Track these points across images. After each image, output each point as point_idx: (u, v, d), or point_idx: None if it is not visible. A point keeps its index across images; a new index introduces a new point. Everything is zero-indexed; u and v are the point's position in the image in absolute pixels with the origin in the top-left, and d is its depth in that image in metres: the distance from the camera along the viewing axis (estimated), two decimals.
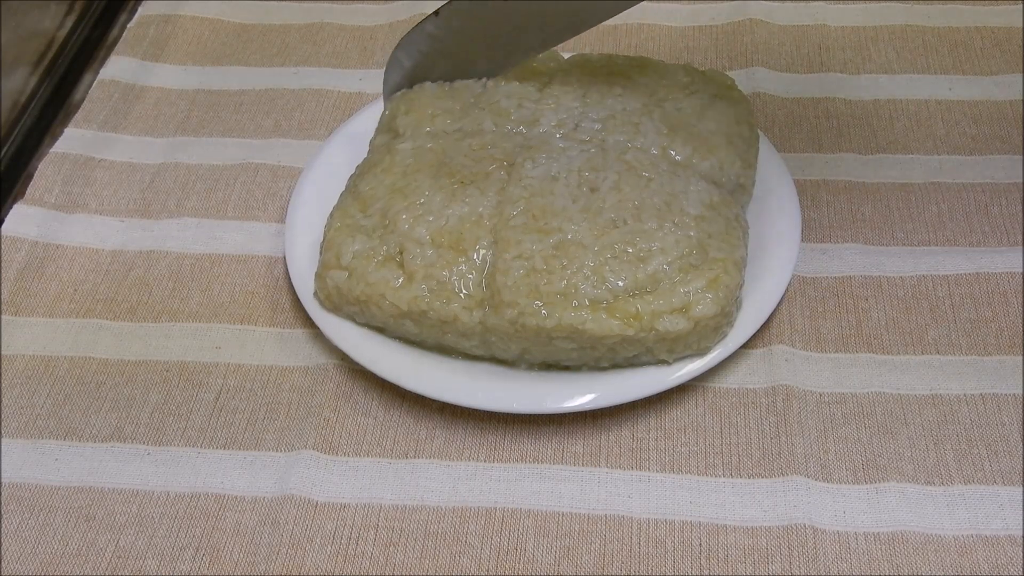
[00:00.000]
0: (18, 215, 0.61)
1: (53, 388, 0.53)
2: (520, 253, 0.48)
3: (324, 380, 0.53)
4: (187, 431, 0.51)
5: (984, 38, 0.68)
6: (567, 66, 0.58)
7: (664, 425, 0.50)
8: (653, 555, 0.46)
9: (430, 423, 0.51)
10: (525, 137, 0.53)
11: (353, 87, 0.68)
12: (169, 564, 0.46)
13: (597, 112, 0.54)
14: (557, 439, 0.50)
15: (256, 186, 0.62)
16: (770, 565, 0.45)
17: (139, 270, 0.58)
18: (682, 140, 0.53)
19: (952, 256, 0.56)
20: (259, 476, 0.49)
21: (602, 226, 0.49)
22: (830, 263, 0.56)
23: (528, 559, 0.46)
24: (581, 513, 0.47)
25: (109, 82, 0.69)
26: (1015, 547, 0.45)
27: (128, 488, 0.49)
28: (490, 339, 0.49)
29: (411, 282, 0.49)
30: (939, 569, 0.44)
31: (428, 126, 0.55)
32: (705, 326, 0.48)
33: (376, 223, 0.51)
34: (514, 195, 0.50)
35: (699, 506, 0.47)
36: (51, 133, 0.67)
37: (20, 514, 0.48)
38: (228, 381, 0.53)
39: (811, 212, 0.59)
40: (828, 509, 0.46)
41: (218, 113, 0.67)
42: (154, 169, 0.64)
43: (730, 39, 0.70)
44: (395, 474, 0.49)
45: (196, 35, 0.73)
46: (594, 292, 0.47)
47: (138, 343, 0.55)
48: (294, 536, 0.47)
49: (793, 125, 0.64)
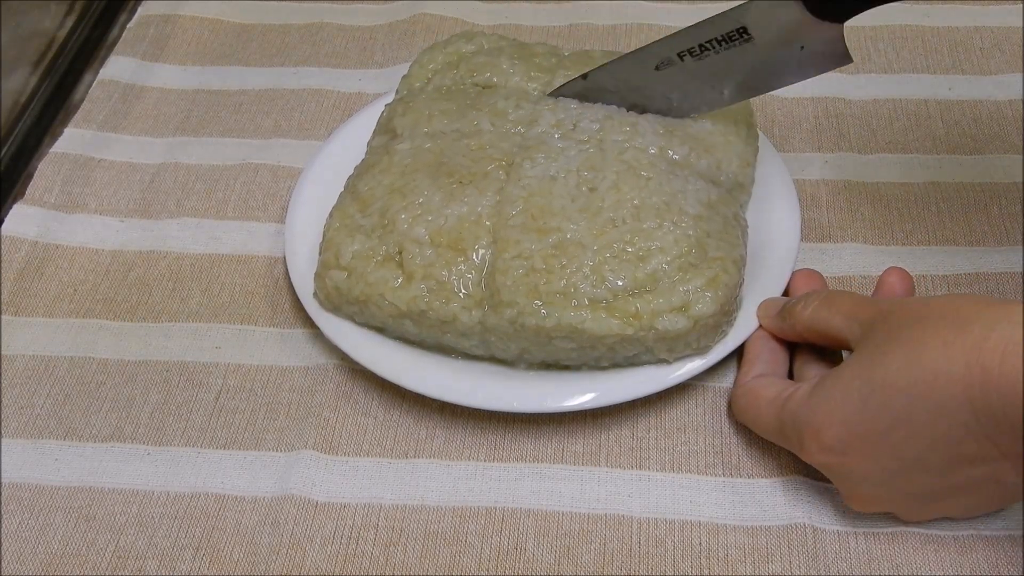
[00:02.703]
0: (18, 215, 0.61)
1: (53, 388, 0.53)
2: (519, 253, 0.48)
3: (324, 380, 0.53)
4: (187, 431, 0.51)
5: (984, 38, 0.68)
6: (568, 63, 0.58)
7: (664, 424, 0.50)
8: (653, 554, 0.46)
9: (430, 423, 0.51)
10: (523, 137, 0.53)
11: (353, 87, 0.69)
12: (169, 564, 0.46)
13: (595, 112, 0.54)
14: (557, 439, 0.50)
15: (256, 186, 0.62)
16: (770, 565, 0.45)
17: (139, 270, 0.58)
18: (680, 140, 0.53)
19: (952, 256, 0.56)
20: (259, 476, 0.49)
21: (601, 225, 0.49)
22: (830, 262, 0.56)
23: (528, 559, 0.46)
24: (581, 512, 0.47)
25: (109, 82, 0.69)
26: (1015, 547, 0.45)
27: (128, 488, 0.49)
28: (489, 339, 0.49)
29: (410, 282, 0.49)
30: (939, 569, 0.44)
31: (426, 127, 0.55)
32: (705, 325, 0.48)
33: (375, 223, 0.51)
34: (513, 195, 0.50)
35: (699, 505, 0.47)
36: (51, 133, 0.67)
37: (20, 514, 0.48)
38: (228, 381, 0.53)
39: (811, 212, 0.59)
40: (828, 508, 0.46)
41: (218, 113, 0.67)
42: (154, 169, 0.64)
43: None
44: (395, 474, 0.49)
45: (196, 35, 0.73)
46: (593, 291, 0.47)
47: (138, 343, 0.55)
48: (294, 536, 0.47)
49: (793, 125, 0.64)
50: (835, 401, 0.42)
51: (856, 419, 0.41)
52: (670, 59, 0.52)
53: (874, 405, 0.40)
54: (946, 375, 0.38)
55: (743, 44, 0.50)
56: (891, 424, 0.40)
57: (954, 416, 0.38)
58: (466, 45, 0.60)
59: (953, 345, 0.38)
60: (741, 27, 0.49)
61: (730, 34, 0.50)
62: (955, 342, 0.38)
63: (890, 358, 0.40)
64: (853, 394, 0.41)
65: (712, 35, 0.50)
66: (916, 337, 0.39)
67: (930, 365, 0.38)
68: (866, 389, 0.41)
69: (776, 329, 0.49)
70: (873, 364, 0.41)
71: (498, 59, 0.58)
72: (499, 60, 0.58)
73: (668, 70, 0.52)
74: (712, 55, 0.51)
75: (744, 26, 0.49)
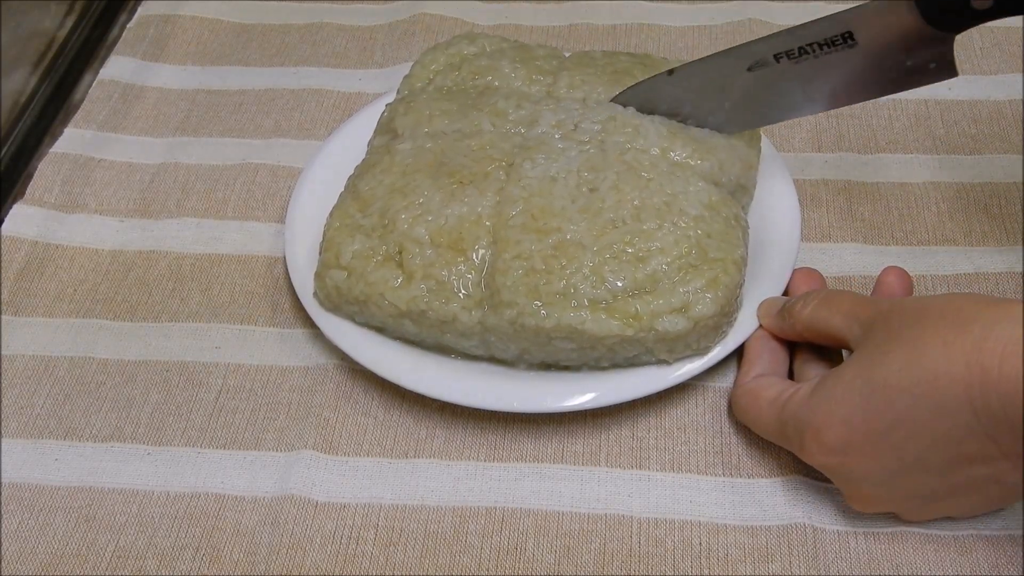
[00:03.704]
0: (18, 215, 0.61)
1: (53, 388, 0.53)
2: (519, 253, 0.48)
3: (324, 380, 0.53)
4: (187, 431, 0.51)
5: (984, 38, 0.68)
6: (570, 64, 0.58)
7: (664, 424, 0.50)
8: (653, 554, 0.46)
9: (430, 423, 0.51)
10: (524, 137, 0.53)
11: (353, 87, 0.69)
12: (169, 564, 0.46)
13: (598, 114, 0.54)
14: (557, 439, 0.50)
15: (256, 186, 0.62)
16: (770, 564, 0.45)
17: (139, 270, 0.58)
18: (683, 141, 0.52)
19: (951, 255, 0.56)
20: (259, 476, 0.49)
21: (601, 226, 0.49)
22: (829, 262, 0.56)
23: (528, 558, 0.46)
24: (581, 512, 0.47)
25: (109, 82, 0.69)
26: (1015, 546, 0.45)
27: (128, 488, 0.49)
28: (489, 339, 0.49)
29: (410, 282, 0.49)
30: (939, 569, 0.44)
31: (427, 127, 0.55)
32: (705, 326, 0.48)
33: (375, 223, 0.51)
34: (513, 195, 0.50)
35: (699, 505, 0.47)
36: (51, 133, 0.67)
37: (20, 514, 0.48)
38: (228, 381, 0.53)
39: (811, 212, 0.59)
40: (828, 508, 0.46)
41: (218, 113, 0.67)
42: (154, 169, 0.64)
43: (730, 39, 0.69)
44: (395, 474, 0.49)
45: (196, 35, 0.73)
46: (593, 292, 0.47)
47: (138, 343, 0.55)
48: (294, 536, 0.47)
49: (793, 125, 0.64)
50: (836, 402, 0.42)
51: (857, 419, 0.41)
52: (766, 60, 0.50)
53: (875, 405, 0.40)
54: (946, 375, 0.38)
55: (846, 50, 0.48)
56: (892, 424, 0.40)
57: (955, 416, 0.38)
58: (468, 47, 0.60)
59: (953, 345, 0.38)
60: (847, 31, 0.48)
61: (834, 38, 0.48)
62: (955, 342, 0.38)
63: (890, 358, 0.40)
64: (854, 395, 0.41)
65: (815, 38, 0.48)
66: (916, 337, 0.39)
67: (930, 365, 0.38)
68: (867, 389, 0.41)
69: (776, 328, 0.49)
70: (873, 364, 0.41)
71: (500, 62, 0.58)
72: (501, 63, 0.58)
73: (761, 71, 0.51)
74: (810, 59, 0.49)
75: (851, 30, 0.47)
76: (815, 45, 0.49)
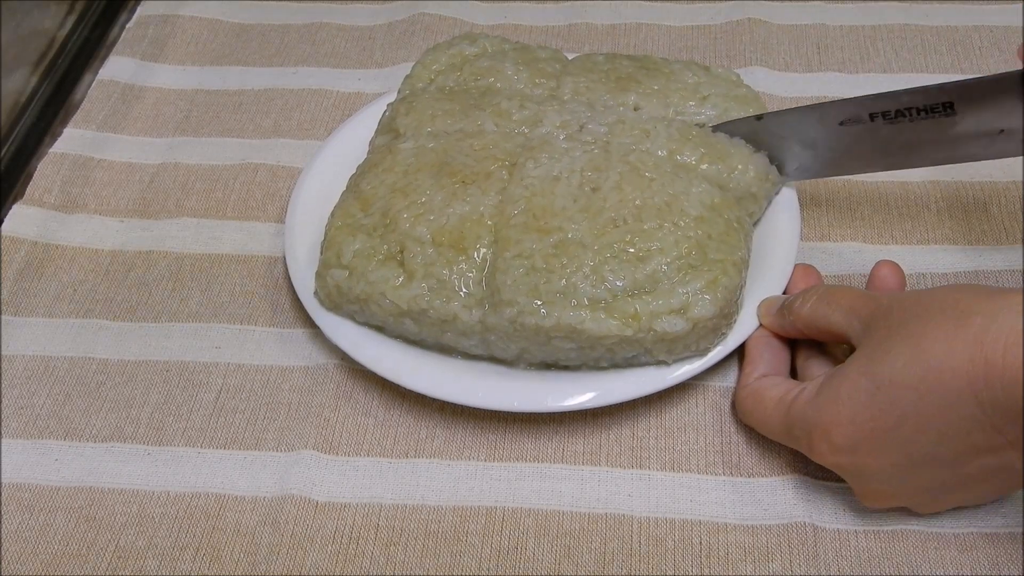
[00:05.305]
0: (18, 215, 0.61)
1: (53, 388, 0.53)
2: (520, 252, 0.48)
3: (324, 380, 0.53)
4: (187, 431, 0.51)
5: (984, 38, 0.68)
6: (573, 68, 0.58)
7: (664, 424, 0.50)
8: (653, 554, 0.46)
9: (430, 423, 0.51)
10: (527, 137, 0.53)
11: (352, 87, 0.69)
12: (169, 564, 0.46)
13: (605, 117, 0.54)
14: (557, 438, 0.50)
15: (256, 186, 0.62)
16: (770, 563, 0.45)
17: (139, 270, 0.58)
18: (693, 145, 0.52)
19: (951, 254, 0.56)
20: (259, 476, 0.49)
21: (602, 225, 0.49)
22: (829, 261, 0.56)
23: (528, 558, 0.46)
24: (581, 512, 0.47)
25: (109, 82, 0.69)
26: (1015, 544, 0.45)
27: (128, 488, 0.49)
28: (489, 338, 0.49)
29: (411, 281, 0.49)
30: (940, 567, 0.44)
31: (429, 126, 0.55)
32: (703, 327, 0.48)
33: (377, 222, 0.51)
34: (515, 194, 0.50)
35: (699, 504, 0.47)
36: (51, 133, 0.67)
37: (20, 514, 0.48)
38: (228, 381, 0.53)
39: (811, 211, 0.59)
40: (828, 507, 0.46)
41: (217, 113, 0.67)
42: (153, 169, 0.64)
43: (729, 39, 0.70)
44: (395, 474, 0.49)
45: (195, 35, 0.73)
46: (593, 292, 0.47)
47: (138, 343, 0.55)
48: (294, 536, 0.47)
49: None
50: (842, 401, 0.42)
51: (864, 417, 0.41)
52: (860, 117, 0.51)
53: (881, 402, 0.40)
54: (950, 369, 0.38)
55: (942, 118, 0.49)
56: (899, 421, 0.40)
57: (960, 409, 0.38)
58: (469, 47, 0.60)
59: (955, 339, 0.38)
60: (949, 102, 0.49)
61: (934, 106, 0.49)
62: (957, 335, 0.38)
63: (894, 354, 0.40)
64: (859, 393, 0.41)
65: (915, 103, 0.49)
66: (918, 332, 0.39)
67: (933, 360, 0.38)
68: (872, 387, 0.41)
69: (776, 327, 0.49)
70: (877, 362, 0.41)
71: (502, 64, 0.58)
72: (503, 65, 0.58)
73: (853, 128, 0.51)
74: (906, 122, 0.50)
75: (952, 101, 0.48)
76: (913, 110, 0.49)
